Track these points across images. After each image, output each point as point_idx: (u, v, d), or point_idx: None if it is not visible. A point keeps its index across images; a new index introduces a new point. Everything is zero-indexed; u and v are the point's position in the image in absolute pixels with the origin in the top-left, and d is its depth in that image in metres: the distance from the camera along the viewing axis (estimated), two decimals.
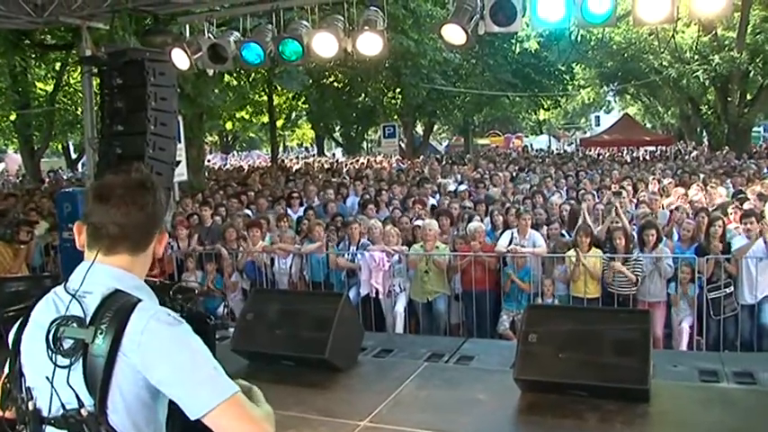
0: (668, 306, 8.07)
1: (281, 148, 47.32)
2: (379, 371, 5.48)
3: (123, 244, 1.88)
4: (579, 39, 21.05)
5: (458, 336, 8.60)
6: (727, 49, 21.73)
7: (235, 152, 52.62)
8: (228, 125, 35.61)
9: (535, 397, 4.60)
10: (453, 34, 6.34)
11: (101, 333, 1.74)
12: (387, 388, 4.92)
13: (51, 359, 1.77)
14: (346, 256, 9.32)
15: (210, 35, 7.84)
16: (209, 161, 34.57)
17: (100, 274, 1.85)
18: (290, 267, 9.58)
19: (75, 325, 1.78)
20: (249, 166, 32.87)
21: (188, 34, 8.25)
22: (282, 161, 34.84)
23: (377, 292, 8.98)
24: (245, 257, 9.57)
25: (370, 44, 6.91)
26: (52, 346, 1.78)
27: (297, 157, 43.91)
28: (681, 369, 5.48)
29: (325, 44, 7.00)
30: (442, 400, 4.76)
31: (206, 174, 21.29)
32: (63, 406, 1.77)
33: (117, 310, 1.76)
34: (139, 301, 1.80)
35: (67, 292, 1.84)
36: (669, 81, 24.84)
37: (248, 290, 9.35)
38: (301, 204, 12.72)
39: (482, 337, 8.29)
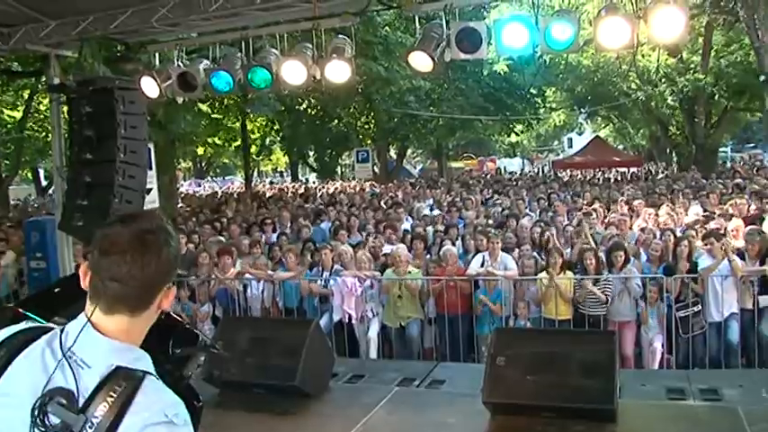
0: (638, 325, 8.17)
1: (255, 174, 47.28)
2: (350, 397, 5.48)
3: (122, 303, 1.72)
4: (548, 63, 21.44)
5: (431, 360, 8.62)
6: (692, 72, 22.21)
7: (209, 178, 52.46)
8: (201, 151, 35.49)
9: (504, 419, 4.63)
10: (420, 61, 6.44)
11: (90, 427, 1.59)
12: (357, 413, 4.92)
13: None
14: (319, 281, 9.31)
15: (180, 63, 7.87)
16: (184, 186, 34.39)
17: (97, 346, 1.70)
18: (263, 293, 9.56)
19: (63, 402, 1.62)
20: (223, 192, 32.76)
21: (157, 62, 8.27)
22: (255, 186, 34.76)
23: (350, 318, 8.98)
24: (216, 284, 9.52)
25: (339, 71, 6.98)
26: (37, 419, 1.62)
27: (271, 183, 43.84)
28: (649, 388, 5.54)
29: (293, 72, 7.06)
30: (413, 425, 4.77)
31: (179, 200, 21.17)
32: None
33: (113, 404, 1.61)
34: (141, 381, 1.67)
35: (62, 350, 1.69)
36: (638, 104, 25.28)
37: (221, 317, 9.31)
38: (274, 230, 12.72)
39: (456, 361, 8.31)
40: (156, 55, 8.40)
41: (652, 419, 4.68)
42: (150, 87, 7.72)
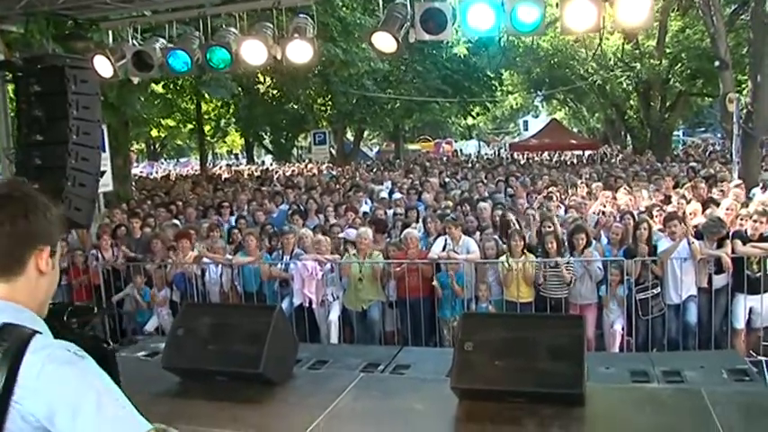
0: (599, 308, 8.25)
1: (210, 156, 46.64)
2: (314, 383, 5.37)
3: None
4: (508, 45, 21.49)
5: (393, 343, 8.57)
6: (648, 56, 22.49)
7: (163, 160, 51.58)
8: (155, 133, 34.82)
9: (473, 405, 4.58)
10: (383, 42, 6.35)
11: None
12: (323, 401, 4.82)
13: None
14: (279, 265, 9.18)
15: (135, 42, 7.62)
16: (138, 168, 33.71)
17: None
18: (221, 278, 9.40)
19: None
20: (177, 174, 32.23)
21: (111, 41, 8.00)
22: (210, 168, 34.29)
23: (310, 302, 8.89)
24: (174, 269, 9.33)
25: (300, 52, 6.85)
26: None
27: (228, 165, 43.24)
28: (613, 371, 5.56)
29: (253, 51, 6.90)
30: (380, 411, 4.70)
31: (133, 183, 20.75)
32: None
33: (5, 352, 1.55)
34: (33, 334, 1.60)
35: None
36: (595, 87, 25.53)
37: (178, 302, 9.14)
38: (231, 213, 12.53)
39: (418, 344, 8.28)
40: (110, 33, 8.13)
41: (619, 403, 4.69)
42: (104, 66, 7.48)
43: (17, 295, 1.70)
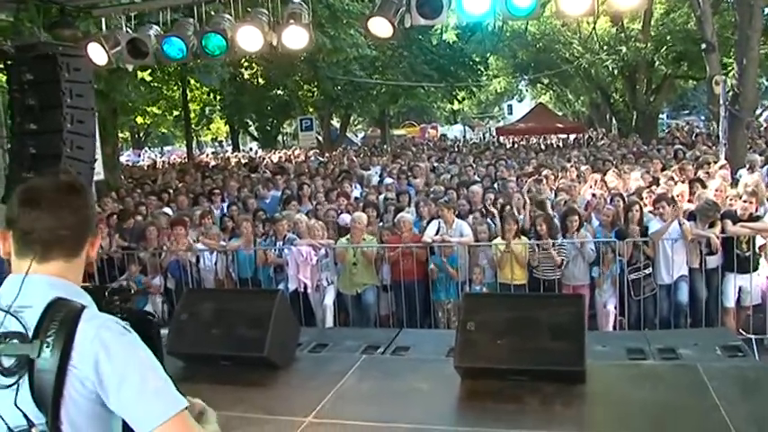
0: (591, 288, 8.36)
1: (194, 144, 46.34)
2: (317, 366, 5.47)
3: (57, 250, 1.78)
4: (498, 29, 21.49)
5: (388, 326, 8.67)
6: (633, 39, 22.58)
7: (147, 148, 51.20)
8: (140, 120, 34.56)
9: (476, 384, 4.68)
10: (380, 27, 6.35)
11: (47, 346, 1.62)
12: (327, 382, 4.92)
13: None
14: (273, 251, 9.23)
15: (128, 29, 7.59)
16: (123, 157, 33.48)
17: (36, 286, 1.73)
18: (216, 265, 9.44)
19: (15, 341, 1.64)
20: (163, 162, 32.09)
21: (104, 28, 7.95)
22: (197, 156, 34.12)
23: (305, 287, 8.95)
24: (168, 256, 9.35)
25: (296, 38, 6.83)
26: None
27: (214, 152, 43.00)
28: (609, 349, 5.68)
29: (249, 38, 6.88)
30: (385, 392, 4.80)
31: (121, 172, 20.67)
32: (10, 429, 1.64)
33: (62, 320, 1.65)
34: (83, 307, 1.71)
35: (0, 309, 1.69)
36: (580, 71, 25.59)
37: (173, 290, 9.18)
38: (223, 200, 12.54)
39: (413, 327, 8.38)
40: (103, 21, 8.08)
41: (618, 379, 4.81)
42: (98, 54, 7.42)
43: (68, 274, 1.83)
